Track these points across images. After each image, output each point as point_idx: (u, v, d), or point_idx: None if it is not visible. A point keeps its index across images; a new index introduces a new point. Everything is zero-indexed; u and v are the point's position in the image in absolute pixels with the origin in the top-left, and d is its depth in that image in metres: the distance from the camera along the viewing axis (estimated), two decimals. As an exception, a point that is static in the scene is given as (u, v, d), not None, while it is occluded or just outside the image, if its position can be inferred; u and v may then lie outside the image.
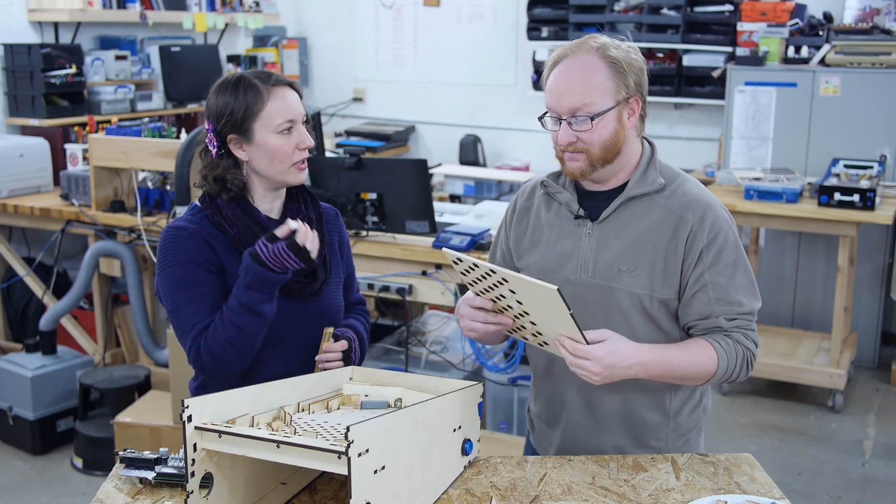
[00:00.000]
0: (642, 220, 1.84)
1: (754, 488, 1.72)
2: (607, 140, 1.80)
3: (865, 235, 4.85)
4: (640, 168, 1.87)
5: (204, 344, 1.85)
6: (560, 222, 1.91)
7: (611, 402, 1.91)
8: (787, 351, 4.72)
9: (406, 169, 3.46)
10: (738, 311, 1.83)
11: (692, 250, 1.81)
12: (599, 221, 1.87)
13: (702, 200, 1.85)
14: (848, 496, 3.67)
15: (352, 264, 2.18)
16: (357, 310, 2.17)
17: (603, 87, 1.78)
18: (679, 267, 1.82)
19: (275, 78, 1.91)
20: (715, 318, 1.82)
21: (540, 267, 1.91)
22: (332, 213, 2.13)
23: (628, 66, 1.80)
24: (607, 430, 1.93)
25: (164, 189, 3.96)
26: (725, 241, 1.83)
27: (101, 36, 5.27)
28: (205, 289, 1.87)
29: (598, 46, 1.80)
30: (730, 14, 5.27)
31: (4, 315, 4.69)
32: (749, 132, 5.00)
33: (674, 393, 1.92)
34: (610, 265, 1.84)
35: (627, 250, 1.83)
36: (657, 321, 1.85)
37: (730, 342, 1.82)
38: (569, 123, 1.79)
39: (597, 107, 1.77)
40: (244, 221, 1.92)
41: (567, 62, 1.80)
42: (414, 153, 6.61)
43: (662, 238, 1.82)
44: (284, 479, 1.70)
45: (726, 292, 1.82)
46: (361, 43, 6.83)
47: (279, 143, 1.89)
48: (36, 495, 3.62)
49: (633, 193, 1.85)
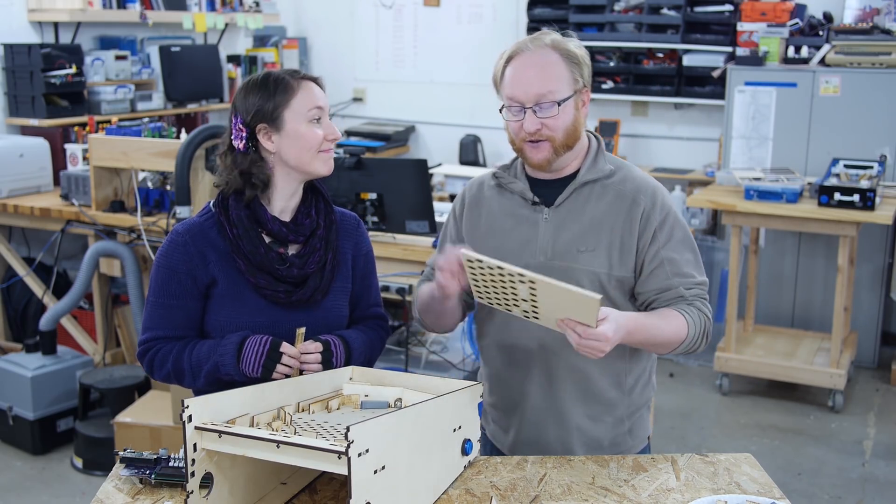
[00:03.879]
0: (597, 203, 1.95)
1: (754, 488, 1.72)
2: (569, 126, 1.90)
3: (865, 235, 4.85)
4: (590, 156, 1.99)
5: (153, 355, 1.95)
6: (515, 210, 2.00)
7: (573, 381, 1.98)
8: (787, 351, 4.72)
9: (406, 169, 3.46)
10: (693, 282, 1.94)
11: (647, 229, 1.93)
12: (556, 206, 1.96)
13: (650, 183, 1.98)
14: (848, 496, 3.67)
15: (372, 277, 2.12)
16: (370, 323, 2.11)
17: (563, 76, 1.89)
18: (635, 245, 1.93)
19: (302, 73, 1.96)
20: (675, 289, 1.93)
21: (499, 253, 1.95)
22: (352, 223, 2.09)
23: (581, 60, 1.92)
24: (567, 410, 2.00)
25: (164, 189, 3.96)
26: (675, 220, 1.96)
27: (101, 36, 5.27)
28: (174, 302, 1.93)
29: (552, 41, 1.91)
30: (730, 14, 5.27)
31: (4, 315, 4.69)
32: (749, 132, 5.00)
33: (629, 369, 2.01)
34: (569, 246, 1.94)
35: (585, 232, 1.94)
36: (614, 300, 1.94)
37: (694, 310, 1.92)
38: (534, 111, 1.88)
39: (560, 94, 1.88)
40: (245, 225, 1.91)
41: (526, 55, 1.91)
42: (414, 153, 6.61)
43: (618, 219, 1.93)
44: (284, 479, 1.70)
45: (680, 266, 1.94)
46: (361, 43, 6.83)
47: (310, 129, 1.91)
48: (36, 495, 3.62)
49: (586, 179, 1.96)
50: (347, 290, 2.05)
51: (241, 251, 1.90)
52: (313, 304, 1.97)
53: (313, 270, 1.95)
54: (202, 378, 1.91)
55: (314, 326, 1.96)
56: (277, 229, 1.93)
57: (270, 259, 1.91)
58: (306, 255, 1.95)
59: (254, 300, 1.92)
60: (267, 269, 1.91)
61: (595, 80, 5.74)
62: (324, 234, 1.98)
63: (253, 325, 1.91)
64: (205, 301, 1.95)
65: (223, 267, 1.92)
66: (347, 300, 2.06)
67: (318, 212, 2.00)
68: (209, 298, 1.94)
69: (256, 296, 1.92)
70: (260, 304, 1.92)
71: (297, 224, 1.96)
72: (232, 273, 1.92)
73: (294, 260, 1.94)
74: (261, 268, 1.91)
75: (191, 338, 1.96)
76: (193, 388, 1.98)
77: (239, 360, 1.85)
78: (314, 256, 1.95)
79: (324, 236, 1.98)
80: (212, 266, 1.92)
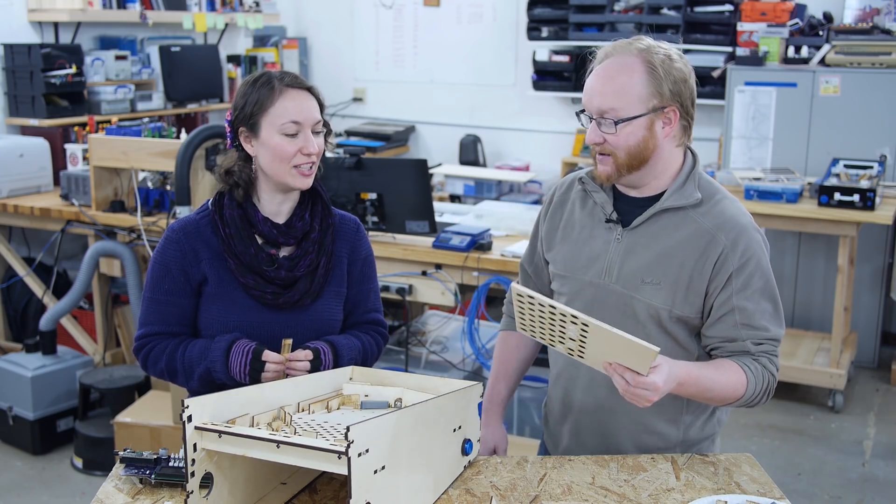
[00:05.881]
0: (673, 233, 1.82)
1: (754, 488, 1.72)
2: (633, 147, 1.77)
3: (865, 235, 4.85)
4: (679, 179, 1.84)
5: (147, 352, 1.96)
6: (592, 222, 1.90)
7: (624, 410, 1.88)
8: (787, 351, 4.71)
9: (406, 169, 3.46)
10: (765, 337, 1.81)
11: (721, 273, 1.78)
12: (630, 228, 1.85)
13: (737, 222, 1.81)
14: (848, 496, 3.67)
15: (370, 282, 2.09)
16: (366, 328, 2.08)
17: (634, 92, 1.75)
18: (704, 287, 1.80)
19: (291, 79, 1.91)
20: (742, 341, 1.80)
21: (566, 264, 1.92)
22: (351, 226, 2.06)
23: (666, 74, 1.76)
24: (615, 435, 1.93)
25: (164, 189, 3.96)
26: (757, 266, 1.80)
27: (101, 36, 5.27)
28: (167, 298, 1.94)
29: (642, 49, 1.77)
30: (730, 14, 5.27)
31: (4, 315, 4.69)
32: (749, 132, 5.00)
33: (688, 406, 1.91)
34: (634, 274, 1.83)
35: (654, 262, 1.82)
36: (674, 336, 1.84)
37: (758, 367, 1.80)
38: (597, 124, 1.78)
39: (624, 112, 1.75)
40: (238, 225, 1.91)
41: (607, 62, 1.79)
42: (414, 153, 6.61)
43: (691, 255, 1.80)
44: (284, 479, 1.70)
45: (753, 318, 1.79)
46: (361, 43, 6.83)
47: (281, 143, 1.87)
48: (36, 495, 3.62)
49: (668, 205, 1.82)
50: (342, 294, 2.03)
51: (232, 250, 1.91)
52: (302, 307, 1.95)
53: (303, 273, 1.94)
54: (196, 380, 1.91)
55: (303, 330, 1.94)
56: (268, 231, 1.93)
57: (260, 260, 1.90)
58: (297, 258, 1.94)
59: (243, 300, 1.92)
60: (256, 270, 1.91)
61: (595, 80, 5.73)
62: (317, 238, 1.96)
63: (241, 326, 1.91)
64: (197, 298, 1.95)
65: (215, 265, 1.92)
66: (341, 304, 2.03)
67: (313, 215, 1.98)
68: (201, 296, 1.95)
69: (245, 296, 1.92)
70: (248, 304, 1.92)
71: (289, 226, 1.95)
72: (223, 272, 1.92)
73: (283, 262, 1.93)
74: (250, 268, 1.91)
75: (185, 335, 1.96)
76: (188, 388, 1.98)
77: (228, 366, 1.86)
78: (305, 259, 1.94)
79: (317, 239, 1.96)
80: (204, 264, 1.92)
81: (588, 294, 1.88)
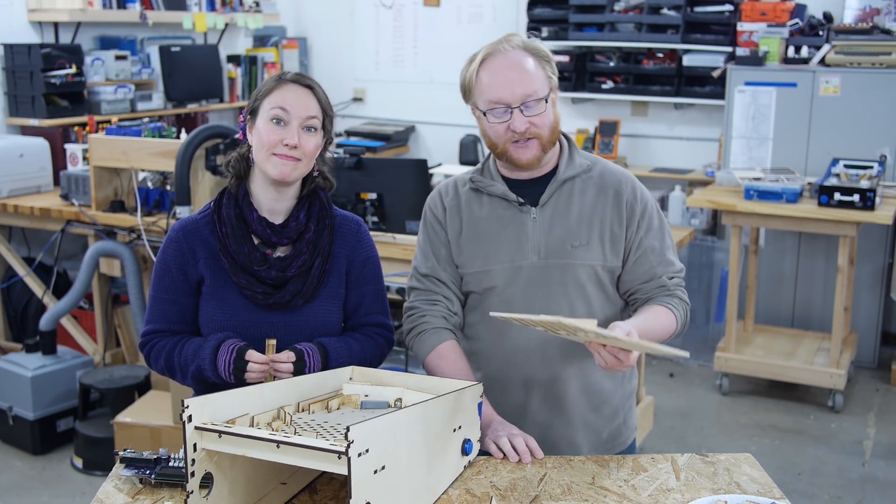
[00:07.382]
0: (581, 198, 1.99)
1: (754, 488, 1.72)
2: (554, 124, 1.94)
3: (865, 235, 4.85)
4: (566, 153, 2.02)
5: (150, 349, 2.00)
6: (498, 213, 2.00)
7: (576, 377, 2.01)
8: (787, 351, 4.72)
9: (406, 169, 3.47)
10: (674, 270, 2.01)
11: (632, 219, 1.99)
12: (542, 205, 1.98)
13: (627, 176, 2.03)
14: (848, 496, 3.67)
15: (372, 284, 2.06)
16: (367, 330, 2.05)
17: (539, 75, 1.91)
18: (623, 234, 1.98)
19: (295, 75, 1.95)
20: (658, 278, 1.99)
21: (486, 258, 1.98)
22: (351, 227, 2.05)
23: (549, 59, 1.95)
24: (572, 406, 2.02)
25: (164, 189, 3.96)
26: (654, 208, 2.03)
27: (101, 36, 5.27)
28: (168, 297, 1.98)
29: (522, 42, 1.93)
30: (730, 14, 5.27)
31: (4, 315, 4.69)
32: (749, 132, 5.00)
33: None
34: (561, 243, 1.96)
35: (575, 227, 1.97)
36: (606, 290, 2.00)
37: (677, 301, 1.98)
38: (521, 111, 1.89)
39: (543, 91, 1.91)
40: (234, 224, 1.93)
41: (500, 58, 1.91)
42: (414, 153, 6.61)
43: (605, 210, 1.98)
44: (284, 479, 1.70)
45: (662, 254, 2.00)
46: (361, 43, 6.83)
47: (267, 128, 1.89)
48: (36, 495, 3.62)
49: (567, 175, 1.99)
50: (339, 295, 2.02)
51: (227, 250, 1.92)
52: (293, 307, 1.95)
53: (294, 274, 1.93)
54: (189, 378, 1.94)
55: (295, 331, 1.94)
56: (261, 230, 1.93)
57: (253, 259, 1.91)
58: (290, 259, 1.94)
59: (236, 300, 1.93)
60: (248, 270, 1.91)
61: (595, 80, 5.75)
62: (313, 238, 1.96)
63: (234, 325, 1.92)
64: (197, 297, 1.97)
65: (211, 265, 1.94)
66: (339, 306, 2.02)
67: (309, 215, 1.97)
68: (199, 295, 1.97)
69: (238, 295, 1.93)
70: (241, 304, 1.93)
71: (284, 227, 1.95)
72: (218, 271, 1.94)
73: (275, 262, 1.93)
74: (243, 268, 1.92)
75: (185, 334, 1.98)
76: (186, 386, 2.03)
77: (215, 365, 1.87)
78: (297, 260, 1.93)
79: (312, 240, 1.96)
80: (201, 263, 1.95)
81: (522, 277, 1.98)
